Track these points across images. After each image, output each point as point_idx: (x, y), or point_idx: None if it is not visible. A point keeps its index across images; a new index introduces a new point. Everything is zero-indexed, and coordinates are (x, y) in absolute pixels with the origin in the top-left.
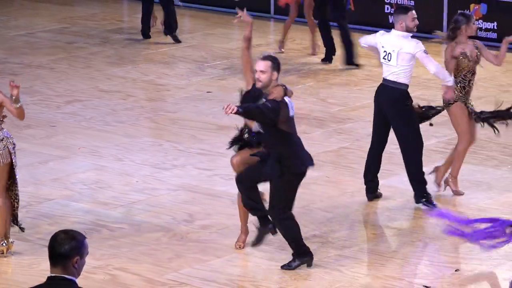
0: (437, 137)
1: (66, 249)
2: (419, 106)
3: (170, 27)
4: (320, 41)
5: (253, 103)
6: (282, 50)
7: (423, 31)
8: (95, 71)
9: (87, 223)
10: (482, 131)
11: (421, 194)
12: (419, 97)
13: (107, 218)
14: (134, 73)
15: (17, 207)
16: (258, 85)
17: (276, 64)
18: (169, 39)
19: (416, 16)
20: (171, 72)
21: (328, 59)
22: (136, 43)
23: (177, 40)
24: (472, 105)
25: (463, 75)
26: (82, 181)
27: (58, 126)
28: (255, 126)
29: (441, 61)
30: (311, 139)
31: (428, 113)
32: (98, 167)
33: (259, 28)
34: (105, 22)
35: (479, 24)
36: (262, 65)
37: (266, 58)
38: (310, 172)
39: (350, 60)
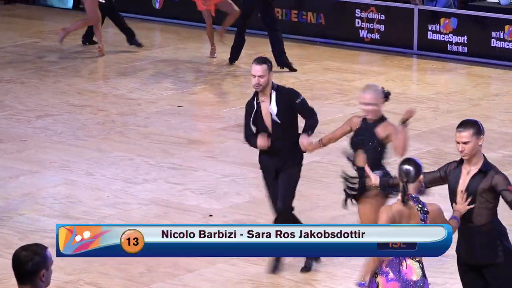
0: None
1: (31, 266)
2: None
3: (128, 37)
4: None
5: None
6: (215, 55)
7: (394, 46)
8: (65, 86)
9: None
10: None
11: None
12: (392, 111)
13: None
14: (105, 88)
15: None
16: (259, 88)
17: (270, 65)
18: (140, 50)
19: None
20: (142, 87)
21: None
22: (106, 57)
23: (138, 45)
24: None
25: None
26: (53, 195)
27: (29, 140)
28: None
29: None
30: None
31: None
32: (69, 182)
33: (231, 42)
34: (76, 37)
35: (449, 38)
36: (259, 70)
37: (260, 62)
38: None
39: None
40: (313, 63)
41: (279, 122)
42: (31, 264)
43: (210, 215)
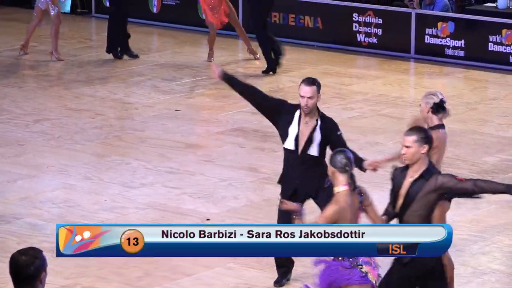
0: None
1: (33, 270)
2: None
3: (122, 48)
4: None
5: None
6: (212, 59)
7: (391, 50)
8: (63, 90)
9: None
10: (449, 148)
11: None
12: (389, 115)
13: None
14: (103, 92)
15: None
16: (306, 111)
17: (319, 86)
18: (137, 58)
19: None
20: (139, 91)
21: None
22: (104, 61)
23: (132, 56)
24: None
25: None
26: (50, 200)
27: (27, 145)
28: None
29: (409, 79)
30: (279, 157)
31: None
32: (66, 186)
33: (228, 46)
34: (73, 41)
35: (446, 42)
36: (309, 92)
37: (310, 83)
38: (278, 190)
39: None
40: (311, 67)
41: (316, 150)
42: (33, 268)
43: (208, 219)
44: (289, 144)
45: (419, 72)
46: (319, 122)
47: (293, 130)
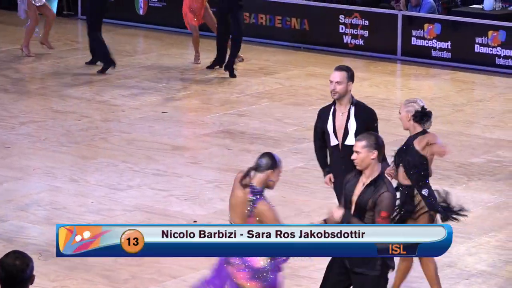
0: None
1: (29, 273)
2: None
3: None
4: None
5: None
6: (199, 61)
7: (378, 51)
8: (49, 92)
9: (42, 244)
10: None
11: None
12: None
13: None
14: (89, 94)
15: None
16: (335, 96)
17: (351, 74)
18: (123, 56)
19: None
20: (125, 93)
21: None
22: (90, 63)
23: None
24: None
25: None
26: (36, 202)
27: (13, 147)
28: None
29: (395, 81)
30: None
31: None
32: (53, 188)
33: (214, 48)
34: (59, 43)
35: (433, 44)
36: (338, 76)
37: (340, 68)
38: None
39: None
40: (297, 69)
41: (354, 140)
42: (28, 271)
43: (194, 221)
44: (332, 140)
45: (406, 74)
46: (352, 110)
47: (330, 125)
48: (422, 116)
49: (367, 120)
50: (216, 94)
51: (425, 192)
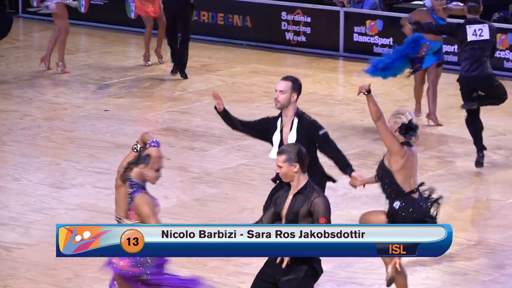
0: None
1: None
2: None
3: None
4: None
5: None
6: (148, 63)
7: (320, 48)
8: None
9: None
10: (377, 146)
11: None
12: (317, 113)
13: (5, 239)
14: (31, 92)
15: None
16: (277, 105)
17: (297, 85)
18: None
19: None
20: (68, 91)
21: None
22: (32, 61)
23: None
24: None
25: None
26: None
27: None
28: None
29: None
30: (209, 156)
31: None
32: None
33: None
34: (0, 41)
35: (375, 40)
36: (282, 85)
37: (287, 78)
38: (209, 189)
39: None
40: (240, 66)
41: None
42: None
43: None
44: (272, 153)
45: (348, 70)
46: (295, 122)
47: (276, 137)
48: (408, 129)
49: (309, 134)
50: (159, 92)
51: (395, 205)
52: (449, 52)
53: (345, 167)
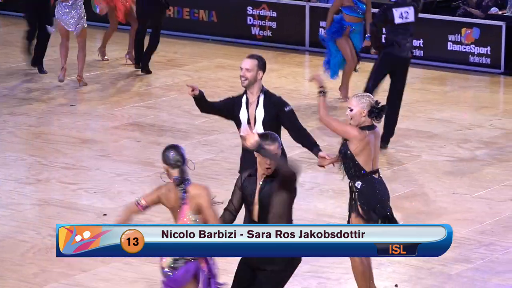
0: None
1: None
2: None
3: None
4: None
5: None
6: (106, 58)
7: (286, 43)
8: None
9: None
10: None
11: None
12: None
13: None
14: None
15: None
16: (244, 83)
17: (262, 63)
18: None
19: None
20: (34, 86)
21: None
22: None
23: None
24: None
25: None
26: None
27: None
28: None
29: (303, 72)
30: None
31: None
32: None
33: (122, 40)
34: None
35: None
36: (248, 63)
37: (252, 56)
38: None
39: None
40: (206, 61)
41: (261, 129)
42: None
43: (104, 215)
44: (244, 129)
45: (314, 65)
46: (262, 99)
47: (243, 115)
48: (380, 111)
49: (276, 108)
50: (125, 87)
51: (357, 184)
52: (416, 46)
53: (312, 146)
